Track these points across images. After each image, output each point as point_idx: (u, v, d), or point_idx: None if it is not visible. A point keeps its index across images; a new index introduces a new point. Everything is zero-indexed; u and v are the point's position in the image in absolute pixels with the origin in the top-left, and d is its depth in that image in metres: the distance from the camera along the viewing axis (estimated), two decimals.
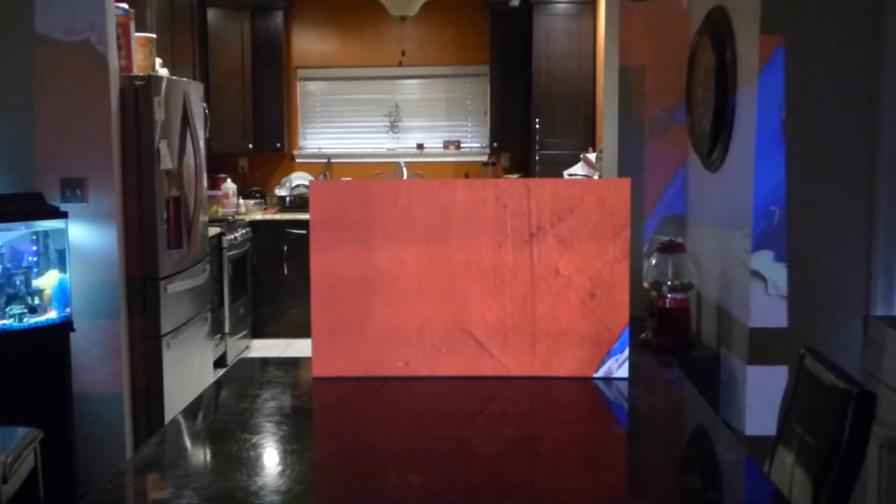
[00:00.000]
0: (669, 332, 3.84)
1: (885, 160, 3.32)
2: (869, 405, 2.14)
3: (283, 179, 8.05)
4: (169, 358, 4.66)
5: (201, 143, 5.25)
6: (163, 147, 4.59)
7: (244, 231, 7.23)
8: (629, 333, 2.81)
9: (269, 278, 7.55)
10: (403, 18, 7.07)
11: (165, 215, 4.64)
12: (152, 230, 4.53)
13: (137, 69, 4.59)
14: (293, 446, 2.35)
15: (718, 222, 3.83)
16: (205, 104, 5.53)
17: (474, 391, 2.76)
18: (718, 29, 3.75)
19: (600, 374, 2.81)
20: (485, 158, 8.14)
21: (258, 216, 7.66)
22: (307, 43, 8.22)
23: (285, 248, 7.51)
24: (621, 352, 2.80)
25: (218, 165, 7.77)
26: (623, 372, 2.80)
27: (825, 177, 3.39)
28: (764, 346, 3.42)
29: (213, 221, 6.71)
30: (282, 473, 2.14)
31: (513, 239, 2.78)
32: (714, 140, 3.78)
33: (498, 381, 2.80)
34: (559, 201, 2.77)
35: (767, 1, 3.34)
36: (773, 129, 3.36)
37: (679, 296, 3.84)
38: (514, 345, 2.81)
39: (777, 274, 3.40)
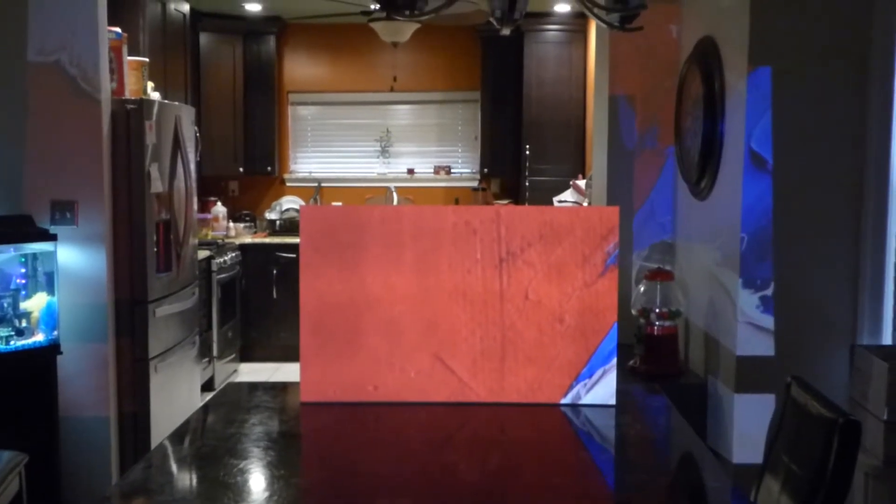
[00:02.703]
0: (657, 359, 3.85)
1: (871, 189, 3.35)
2: (854, 434, 2.15)
3: (274, 203, 8.05)
4: (156, 381, 4.64)
5: (192, 167, 5.26)
6: (153, 170, 4.59)
7: (233, 254, 7.22)
8: (616, 360, 2.81)
9: (258, 302, 7.53)
10: (395, 45, 7.10)
11: (155, 238, 4.63)
12: (142, 253, 4.52)
13: (129, 93, 4.61)
14: (280, 472, 2.34)
15: (706, 250, 3.85)
16: (196, 128, 5.54)
17: (458, 417, 2.76)
18: (707, 59, 3.78)
19: (567, 399, 2.81)
20: (475, 184, 8.16)
21: (248, 240, 7.65)
22: (299, 67, 8.25)
23: (275, 271, 7.51)
24: (589, 377, 2.80)
25: (208, 188, 7.76)
26: (599, 398, 2.80)
27: (812, 205, 3.42)
28: (751, 375, 3.43)
29: (203, 244, 6.70)
30: (269, 499, 2.13)
31: (483, 265, 2.79)
32: (702, 169, 3.80)
33: (474, 407, 2.80)
34: (530, 228, 2.79)
35: (756, 31, 3.38)
36: (760, 158, 3.38)
37: (667, 323, 3.85)
38: (483, 370, 2.81)
39: (744, 300, 3.41)
